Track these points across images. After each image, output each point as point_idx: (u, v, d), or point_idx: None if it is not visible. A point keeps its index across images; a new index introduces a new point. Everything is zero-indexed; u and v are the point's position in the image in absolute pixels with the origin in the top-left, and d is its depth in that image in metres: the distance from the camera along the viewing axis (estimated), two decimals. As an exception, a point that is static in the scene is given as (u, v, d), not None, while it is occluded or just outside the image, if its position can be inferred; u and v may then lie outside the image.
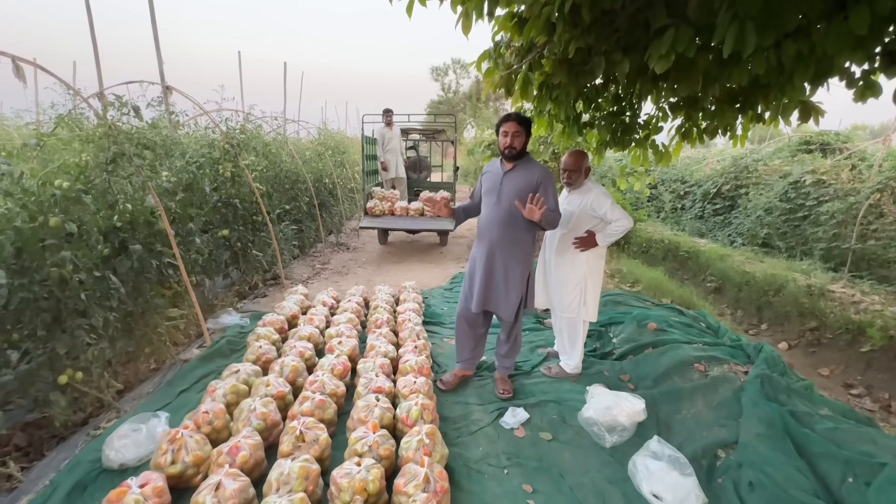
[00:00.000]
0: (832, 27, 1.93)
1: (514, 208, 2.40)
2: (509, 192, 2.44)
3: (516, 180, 2.45)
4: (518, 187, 2.42)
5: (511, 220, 2.45)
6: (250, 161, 4.60)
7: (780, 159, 8.07)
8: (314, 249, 6.57)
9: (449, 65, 31.70)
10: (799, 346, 3.86)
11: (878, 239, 5.32)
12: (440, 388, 2.74)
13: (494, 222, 2.48)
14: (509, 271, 2.49)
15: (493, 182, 2.53)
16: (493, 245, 2.49)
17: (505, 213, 2.45)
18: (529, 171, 2.44)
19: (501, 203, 2.47)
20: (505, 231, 2.47)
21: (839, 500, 1.73)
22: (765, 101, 2.84)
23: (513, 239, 2.47)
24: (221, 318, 3.73)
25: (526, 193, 2.37)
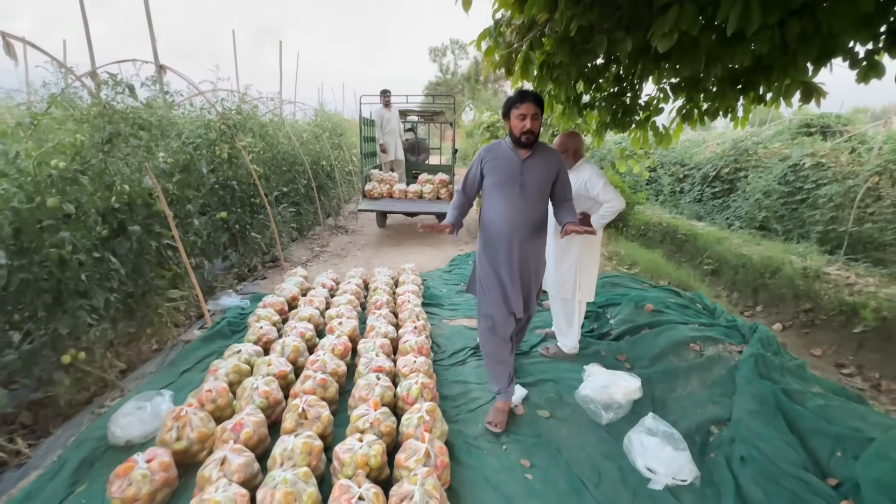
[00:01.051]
0: (839, 5, 1.91)
1: (536, 202, 2.16)
2: (533, 183, 2.15)
3: (539, 169, 2.15)
4: (541, 178, 2.16)
5: (538, 216, 2.20)
6: (247, 142, 4.55)
7: (780, 142, 8.03)
8: (313, 232, 6.57)
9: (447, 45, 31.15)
10: (793, 327, 3.91)
11: (874, 222, 5.34)
12: (491, 429, 2.24)
13: (521, 219, 2.15)
14: (540, 270, 2.33)
15: (510, 171, 2.16)
16: (523, 245, 2.18)
17: (531, 208, 2.16)
18: (548, 159, 2.18)
19: (527, 196, 2.14)
20: (532, 229, 2.18)
21: (828, 473, 1.79)
22: (767, 81, 2.81)
23: (540, 236, 2.24)
24: (221, 299, 3.75)
25: (549, 184, 2.19)
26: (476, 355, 2.99)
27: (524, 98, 2.08)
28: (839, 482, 1.72)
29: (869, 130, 7.12)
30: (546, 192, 2.20)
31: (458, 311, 3.77)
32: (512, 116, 2.13)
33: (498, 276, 2.23)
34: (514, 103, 2.11)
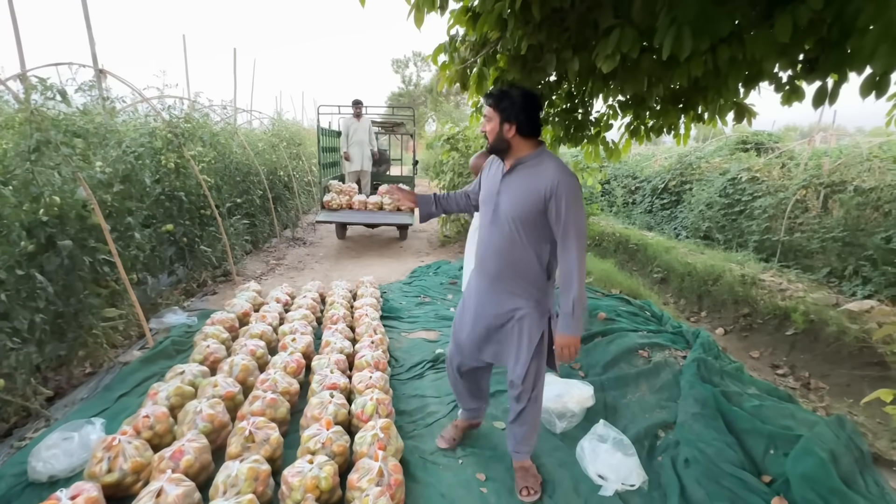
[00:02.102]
0: (760, 34, 2.07)
1: (516, 231, 1.68)
2: (507, 208, 1.68)
3: (517, 189, 1.66)
4: (520, 201, 1.64)
5: (513, 247, 1.70)
6: (197, 152, 4.37)
7: (720, 157, 8.61)
8: (268, 244, 6.36)
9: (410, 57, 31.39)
10: (734, 331, 4.16)
11: (802, 232, 5.80)
12: (440, 446, 2.17)
13: (492, 249, 1.76)
14: (510, 319, 1.80)
15: (491, 189, 1.77)
16: (492, 279, 1.80)
17: (505, 238, 1.71)
18: (535, 176, 1.62)
19: (500, 222, 1.71)
20: (506, 262, 1.74)
21: (762, 470, 1.90)
22: (704, 101, 3.02)
23: (518, 272, 1.74)
24: (166, 317, 3.54)
25: (530, 211, 1.63)
26: (434, 368, 2.97)
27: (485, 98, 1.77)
28: (772, 479, 1.83)
29: (796, 147, 7.76)
30: (531, 226, 1.65)
31: (417, 324, 3.74)
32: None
33: (464, 308, 1.98)
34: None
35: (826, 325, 3.49)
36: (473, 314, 1.89)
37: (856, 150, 6.19)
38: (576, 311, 1.64)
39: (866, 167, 5.76)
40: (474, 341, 1.92)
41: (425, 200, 2.10)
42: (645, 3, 2.19)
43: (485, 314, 1.84)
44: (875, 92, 2.11)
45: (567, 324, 1.66)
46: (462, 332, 1.96)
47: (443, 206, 2.08)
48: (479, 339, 1.90)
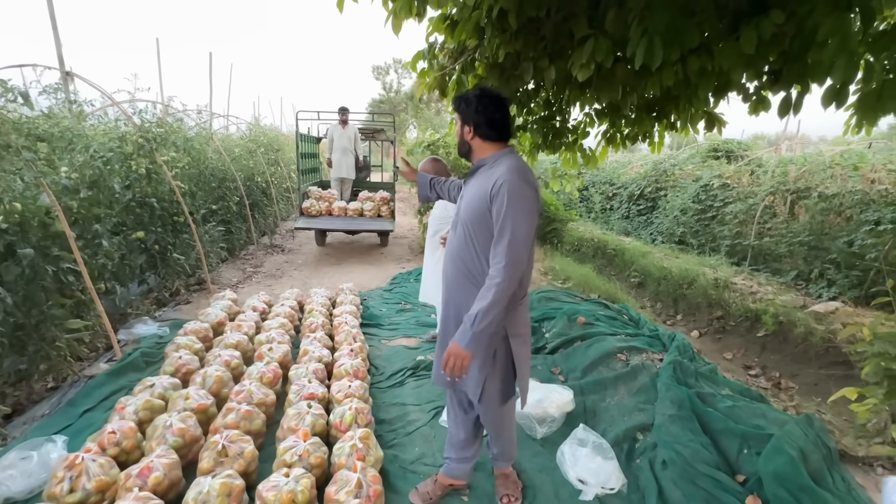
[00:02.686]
0: (727, 46, 2.15)
1: (469, 236, 1.57)
2: (463, 212, 1.61)
3: (472, 192, 1.58)
4: (472, 204, 1.56)
5: (468, 254, 1.58)
6: (170, 157, 4.26)
7: (693, 164, 8.87)
8: (245, 252, 6.22)
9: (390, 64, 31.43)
10: (708, 334, 4.27)
11: (771, 236, 6.01)
12: (413, 502, 1.92)
13: (450, 255, 1.67)
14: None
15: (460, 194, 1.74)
16: (449, 289, 1.68)
17: (460, 243, 1.60)
18: (488, 177, 1.52)
19: (458, 227, 1.63)
20: (460, 270, 1.61)
21: (736, 470, 1.93)
22: (676, 110, 3.11)
23: (471, 281, 1.59)
24: (136, 327, 3.41)
25: (479, 214, 1.52)
26: (415, 376, 2.95)
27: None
28: (746, 478, 1.87)
29: (764, 155, 8.07)
30: (482, 231, 1.52)
31: (398, 331, 3.71)
32: None
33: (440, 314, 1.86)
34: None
35: (794, 326, 3.61)
36: (441, 324, 1.76)
37: (819, 159, 6.47)
38: (476, 324, 1.43)
39: (829, 174, 6.02)
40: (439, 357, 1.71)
41: (423, 182, 2.05)
42: (618, 15, 2.24)
43: (446, 325, 1.70)
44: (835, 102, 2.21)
45: (463, 333, 1.46)
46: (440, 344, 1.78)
47: (437, 191, 2.03)
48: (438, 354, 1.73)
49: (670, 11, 1.98)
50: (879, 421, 1.90)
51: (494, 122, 1.57)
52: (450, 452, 1.90)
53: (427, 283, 3.18)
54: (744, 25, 2.00)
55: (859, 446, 2.00)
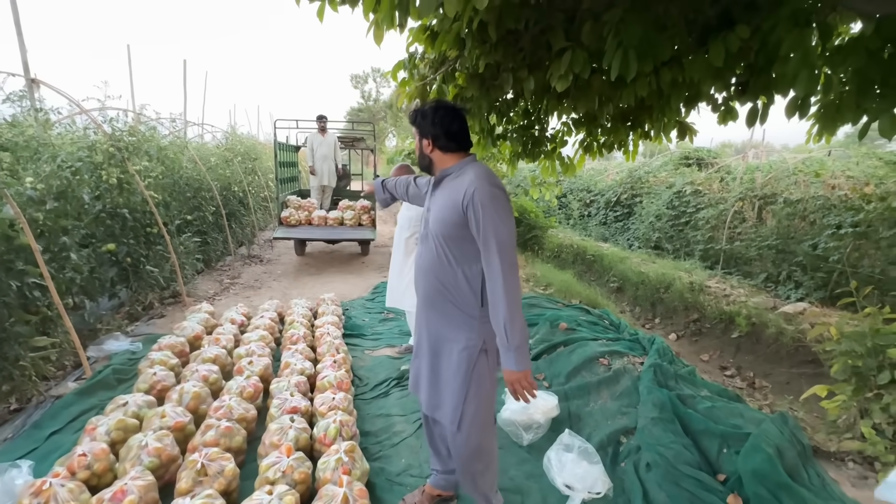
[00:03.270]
0: (697, 59, 2.23)
1: (441, 248, 1.53)
2: (433, 224, 1.56)
3: (440, 203, 1.55)
4: (442, 215, 1.51)
5: (441, 267, 1.54)
6: (142, 166, 4.14)
7: (666, 171, 9.16)
8: (222, 263, 6.07)
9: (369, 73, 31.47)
10: (685, 336, 4.38)
11: (741, 240, 6.24)
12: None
13: (422, 269, 1.61)
14: (443, 352, 1.59)
15: (424, 207, 1.70)
16: (423, 304, 1.64)
17: (433, 257, 1.56)
18: (455, 187, 1.49)
19: (428, 240, 1.58)
20: (433, 286, 1.56)
21: (717, 469, 1.98)
22: (649, 120, 3.22)
23: (447, 295, 1.54)
24: (106, 343, 3.27)
25: (452, 225, 1.48)
26: (400, 386, 2.92)
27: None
28: (727, 477, 1.91)
29: (733, 163, 8.39)
30: (455, 242, 1.50)
31: (381, 340, 3.67)
32: None
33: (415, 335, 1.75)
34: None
35: (766, 327, 3.75)
36: (418, 343, 1.69)
37: (783, 166, 6.77)
38: (511, 339, 1.37)
39: (792, 181, 6.31)
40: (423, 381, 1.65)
41: (377, 186, 2.11)
42: (593, 28, 2.31)
43: (421, 344, 1.65)
44: (798, 112, 2.32)
45: (507, 357, 1.40)
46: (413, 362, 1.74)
47: (389, 192, 2.07)
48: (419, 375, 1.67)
49: (643, 25, 2.05)
50: (849, 417, 1.99)
51: (452, 133, 1.55)
52: (436, 465, 1.87)
53: (394, 286, 3.22)
54: (712, 39, 2.10)
55: (830, 442, 2.08)
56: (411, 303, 3.12)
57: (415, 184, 1.95)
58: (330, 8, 2.37)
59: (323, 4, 2.34)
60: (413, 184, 1.96)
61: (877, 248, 4.61)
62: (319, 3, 2.35)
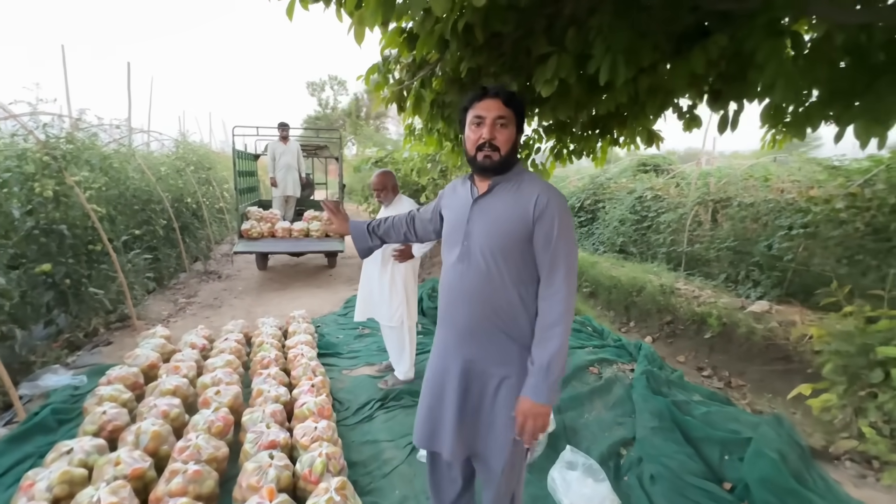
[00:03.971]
0: (677, 65, 2.25)
1: (494, 266, 1.31)
2: (482, 237, 1.33)
3: (495, 213, 1.33)
4: (500, 228, 1.30)
5: (492, 289, 1.32)
6: (82, 177, 3.73)
7: (626, 178, 9.48)
8: (176, 281, 5.60)
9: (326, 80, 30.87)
10: (660, 339, 4.46)
11: (700, 243, 6.52)
12: None
13: (463, 295, 1.36)
14: (486, 389, 1.37)
15: (458, 218, 1.40)
16: (463, 338, 1.38)
17: (480, 277, 1.33)
18: (517, 195, 1.31)
19: (472, 257, 1.34)
20: (482, 312, 1.34)
21: (721, 477, 1.96)
22: (619, 127, 3.27)
23: (497, 322, 1.34)
24: (43, 378, 2.87)
25: (514, 239, 1.29)
26: (384, 407, 2.74)
27: (484, 94, 1.32)
28: (733, 485, 1.89)
29: (687, 169, 8.80)
30: (514, 258, 1.30)
31: (359, 359, 3.47)
32: (466, 126, 1.37)
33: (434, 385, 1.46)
34: (470, 103, 1.35)
35: (737, 326, 3.86)
36: (440, 385, 1.43)
37: (735, 171, 7.16)
38: (552, 371, 1.24)
39: (743, 186, 6.68)
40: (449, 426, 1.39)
41: (359, 232, 1.72)
42: (578, 33, 2.28)
43: (455, 385, 1.38)
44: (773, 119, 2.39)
45: (538, 386, 1.24)
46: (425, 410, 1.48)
47: (379, 236, 1.72)
48: (452, 421, 1.39)
49: (629, 31, 2.04)
50: (845, 416, 2.03)
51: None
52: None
53: (366, 298, 3.08)
54: (695, 47, 2.11)
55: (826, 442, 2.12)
56: (388, 316, 2.97)
57: (418, 217, 1.67)
58: (300, 6, 2.22)
59: (293, 2, 2.19)
60: (416, 218, 1.67)
61: (825, 247, 4.92)
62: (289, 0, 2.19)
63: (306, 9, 2.26)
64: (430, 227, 1.65)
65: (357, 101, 28.17)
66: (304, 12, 2.19)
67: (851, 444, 1.98)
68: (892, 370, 1.82)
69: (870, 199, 4.65)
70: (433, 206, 1.63)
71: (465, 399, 1.39)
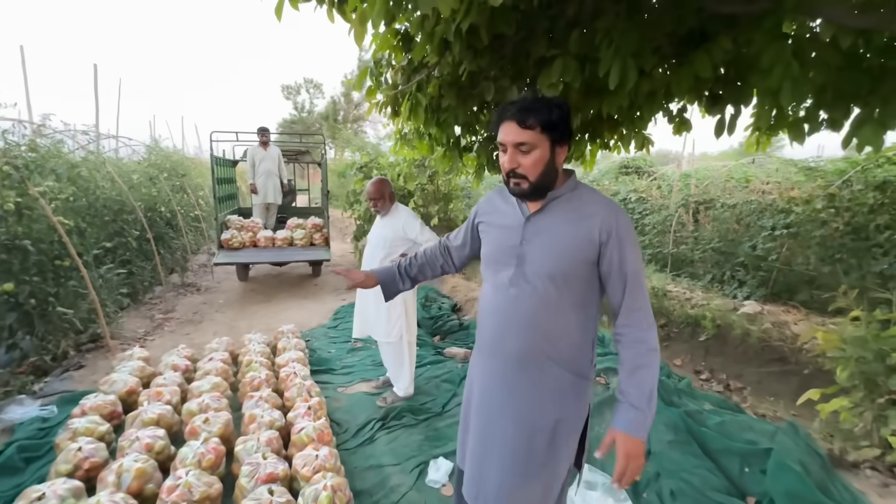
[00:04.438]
0: (681, 70, 2.21)
1: (554, 291, 1.20)
2: (541, 260, 1.22)
3: (555, 233, 1.22)
4: (562, 250, 1.20)
5: (549, 315, 1.22)
6: (47, 188, 3.46)
7: (609, 180, 9.59)
8: (151, 295, 5.30)
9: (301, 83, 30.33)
10: (655, 342, 4.47)
11: (685, 244, 6.61)
12: None
13: (517, 320, 1.24)
14: (536, 430, 1.25)
15: (506, 238, 1.29)
16: (515, 366, 1.25)
17: (538, 302, 1.21)
18: (579, 214, 1.21)
19: (527, 281, 1.23)
20: (537, 337, 1.23)
21: (744, 491, 1.91)
22: (609, 131, 3.24)
23: (554, 351, 1.23)
24: (7, 410, 2.62)
25: (578, 263, 1.19)
26: (386, 427, 2.59)
27: (501, 117, 1.21)
28: (757, 500, 1.83)
29: (668, 171, 8.96)
30: (577, 283, 1.21)
31: (354, 374, 3.31)
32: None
33: (467, 409, 1.39)
34: (494, 127, 1.24)
35: (731, 328, 3.89)
36: (483, 421, 1.30)
37: (716, 173, 7.30)
38: (653, 401, 1.18)
39: (723, 187, 6.82)
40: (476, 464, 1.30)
41: (388, 278, 1.58)
42: (583, 36, 2.22)
43: (502, 423, 1.26)
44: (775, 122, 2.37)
45: (640, 421, 1.16)
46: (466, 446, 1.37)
47: (412, 277, 1.57)
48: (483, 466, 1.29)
49: (638, 34, 1.99)
50: (865, 423, 2.01)
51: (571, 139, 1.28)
52: None
53: (365, 314, 2.94)
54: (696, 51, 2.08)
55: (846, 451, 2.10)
56: (386, 332, 2.84)
57: (451, 245, 1.54)
58: (290, 5, 2.09)
59: (282, 1, 2.05)
60: (450, 247, 1.54)
61: (807, 247, 5.04)
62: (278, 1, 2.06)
63: (296, 8, 2.13)
64: (465, 252, 1.51)
65: (334, 105, 27.76)
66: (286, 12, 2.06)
67: (873, 452, 1.96)
68: (911, 376, 1.81)
69: (849, 199, 4.79)
70: (466, 228, 1.49)
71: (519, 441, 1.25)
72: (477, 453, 1.30)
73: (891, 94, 1.97)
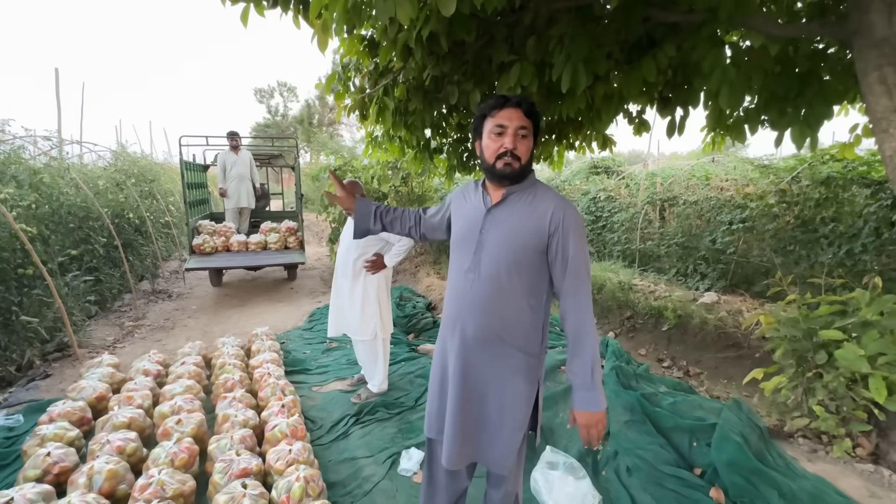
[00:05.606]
0: (630, 74, 2.37)
1: (507, 278, 1.33)
2: (496, 248, 1.34)
3: (510, 224, 1.34)
4: (513, 241, 1.33)
5: (503, 300, 1.34)
6: (8, 195, 3.39)
7: (580, 180, 9.86)
8: (121, 303, 5.20)
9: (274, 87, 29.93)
10: (622, 333, 4.65)
11: (652, 240, 6.88)
12: None
13: (473, 305, 1.36)
14: (506, 394, 1.38)
15: (469, 226, 1.41)
16: (469, 344, 1.38)
17: (492, 288, 1.34)
18: (532, 207, 1.34)
19: (484, 267, 1.35)
20: (491, 320, 1.35)
21: (692, 463, 2.06)
22: (575, 132, 3.40)
23: (507, 332, 1.36)
24: (-31, 422, 2.56)
25: (528, 251, 1.32)
26: (360, 422, 2.66)
27: (505, 102, 1.31)
28: (703, 470, 1.99)
29: (635, 170, 9.28)
30: (528, 270, 1.33)
31: (329, 374, 3.36)
32: (485, 134, 1.37)
33: (439, 388, 1.50)
34: (489, 110, 1.34)
35: (691, 318, 4.11)
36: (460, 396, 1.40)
37: (679, 172, 7.62)
38: (596, 378, 1.30)
39: (686, 185, 7.13)
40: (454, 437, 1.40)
41: (365, 212, 1.65)
42: (538, 42, 2.36)
43: (463, 395, 1.39)
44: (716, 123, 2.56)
45: (587, 397, 1.29)
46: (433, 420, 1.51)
47: (384, 223, 1.65)
48: (456, 428, 1.40)
49: (588, 41, 2.13)
50: (796, 396, 2.20)
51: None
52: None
53: (339, 313, 2.99)
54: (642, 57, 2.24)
55: (779, 421, 2.28)
56: (361, 330, 2.90)
57: (425, 218, 1.64)
58: (255, 11, 2.15)
59: (248, 7, 2.11)
60: (423, 218, 1.65)
61: (761, 239, 5.34)
62: (244, 5, 2.12)
63: (262, 15, 2.20)
64: (437, 231, 1.63)
65: (309, 108, 27.50)
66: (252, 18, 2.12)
67: (803, 422, 2.15)
68: (834, 351, 1.99)
69: (798, 194, 5.10)
70: (441, 211, 1.60)
71: (468, 407, 1.40)
72: (459, 419, 1.41)
73: (815, 97, 2.17)
